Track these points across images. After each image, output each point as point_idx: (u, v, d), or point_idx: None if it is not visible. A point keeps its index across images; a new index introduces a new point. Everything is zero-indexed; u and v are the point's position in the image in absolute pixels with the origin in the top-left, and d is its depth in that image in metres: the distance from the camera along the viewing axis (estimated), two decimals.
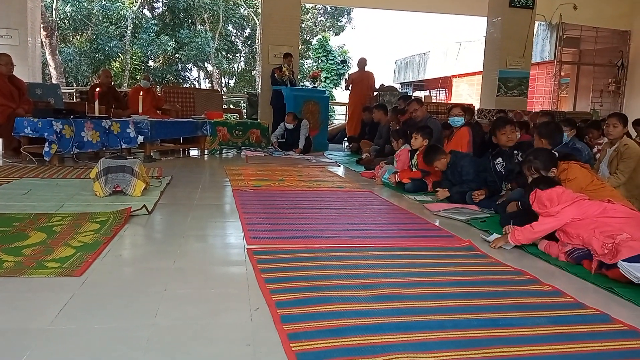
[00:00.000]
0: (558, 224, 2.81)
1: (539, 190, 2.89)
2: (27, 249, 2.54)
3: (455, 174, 4.53)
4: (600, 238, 2.60)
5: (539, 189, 2.90)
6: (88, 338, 1.67)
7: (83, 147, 5.65)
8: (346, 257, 2.67)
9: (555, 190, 2.86)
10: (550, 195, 2.83)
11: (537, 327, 1.91)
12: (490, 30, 10.91)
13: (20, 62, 8.41)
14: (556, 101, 14.79)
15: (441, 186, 4.63)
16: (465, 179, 4.42)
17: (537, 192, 2.89)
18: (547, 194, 2.84)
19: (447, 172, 4.63)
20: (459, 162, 4.52)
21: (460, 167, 4.48)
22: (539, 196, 2.87)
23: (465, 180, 4.42)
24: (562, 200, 2.81)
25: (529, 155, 3.43)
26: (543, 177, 3.14)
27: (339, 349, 1.65)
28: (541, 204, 2.86)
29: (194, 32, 21.62)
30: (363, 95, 9.95)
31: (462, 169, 4.46)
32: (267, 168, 6.18)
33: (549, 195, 2.84)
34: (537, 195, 2.89)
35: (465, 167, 4.45)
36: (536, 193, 2.89)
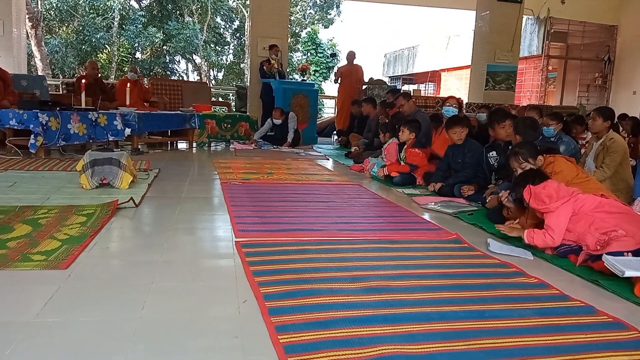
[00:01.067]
0: (565, 222, 2.73)
1: (533, 186, 2.85)
2: (12, 241, 2.51)
3: (459, 155, 4.53)
4: (596, 235, 2.63)
5: (532, 185, 2.85)
6: (74, 331, 1.66)
7: (69, 140, 5.58)
8: (334, 250, 2.67)
9: (550, 185, 2.83)
10: (549, 192, 2.78)
11: (523, 319, 1.93)
12: (478, 24, 10.94)
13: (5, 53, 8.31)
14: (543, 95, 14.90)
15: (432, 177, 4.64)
16: (468, 164, 4.42)
17: (533, 189, 2.83)
18: (546, 190, 2.79)
19: (451, 152, 4.61)
20: (468, 145, 4.54)
21: (469, 149, 4.50)
22: (537, 193, 2.82)
23: (467, 164, 4.43)
24: (560, 196, 2.77)
25: (513, 148, 3.47)
26: (533, 170, 3.13)
27: (327, 341, 1.65)
28: (539, 200, 2.81)
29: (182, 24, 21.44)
30: (352, 88, 9.94)
31: (469, 152, 4.48)
32: (256, 161, 6.16)
33: (548, 191, 2.79)
34: (533, 191, 2.83)
35: (473, 151, 4.46)
36: (531, 189, 2.84)
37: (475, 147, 4.54)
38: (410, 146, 5.09)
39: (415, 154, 5.03)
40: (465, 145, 4.52)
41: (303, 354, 1.57)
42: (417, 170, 5.01)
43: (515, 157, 3.38)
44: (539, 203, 2.81)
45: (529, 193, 2.85)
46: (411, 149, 5.07)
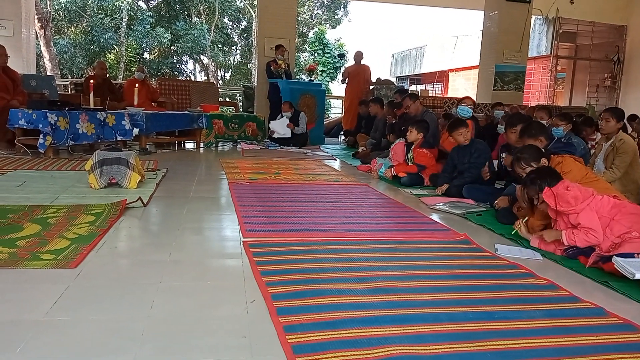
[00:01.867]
0: (597, 218, 2.67)
1: (553, 187, 2.76)
2: (22, 240, 2.52)
3: (465, 156, 4.50)
4: (611, 238, 2.61)
5: (549, 186, 2.78)
6: (83, 330, 1.66)
7: (78, 139, 5.61)
8: (342, 250, 2.67)
9: (572, 185, 2.75)
10: (575, 193, 2.71)
11: (532, 320, 1.91)
12: (487, 24, 10.90)
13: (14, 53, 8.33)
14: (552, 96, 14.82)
15: (439, 179, 4.62)
16: (474, 164, 4.40)
17: (556, 191, 2.75)
18: (571, 192, 2.72)
19: (456, 153, 4.59)
20: (475, 145, 4.52)
21: (475, 149, 4.48)
22: (562, 194, 2.73)
23: (472, 165, 4.40)
24: (585, 196, 2.71)
25: (516, 154, 3.44)
26: (545, 169, 3.07)
27: (335, 342, 1.65)
28: (565, 202, 2.71)
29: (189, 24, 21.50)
30: (359, 88, 9.93)
31: (476, 152, 4.45)
32: (263, 161, 6.17)
33: (574, 193, 2.71)
34: (557, 193, 2.74)
35: (480, 151, 4.44)
36: (554, 191, 2.75)
37: (482, 147, 4.52)
38: (418, 146, 5.08)
39: (423, 155, 5.02)
40: (472, 145, 4.50)
41: (311, 354, 1.56)
42: (424, 171, 5.00)
43: (518, 162, 3.35)
44: (565, 205, 2.72)
45: (552, 195, 2.76)
46: (419, 149, 5.05)
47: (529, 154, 3.35)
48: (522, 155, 3.36)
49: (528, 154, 3.35)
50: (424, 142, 5.11)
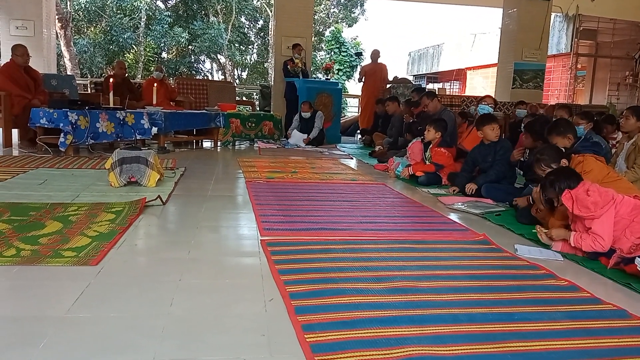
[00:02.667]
0: (611, 227, 2.62)
1: (573, 190, 2.70)
2: (44, 237, 2.56)
3: (489, 154, 4.44)
4: (631, 239, 2.56)
5: (569, 188, 2.72)
6: (104, 326, 1.68)
7: (98, 138, 5.69)
8: (360, 250, 2.66)
9: (593, 189, 2.68)
10: (595, 199, 2.64)
11: (553, 322, 1.89)
12: (505, 22, 10.79)
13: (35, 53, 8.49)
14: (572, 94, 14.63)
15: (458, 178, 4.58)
16: (499, 161, 4.34)
17: (575, 194, 2.68)
18: (591, 197, 2.64)
19: (478, 151, 4.54)
20: (500, 142, 4.46)
21: (501, 147, 4.42)
22: (581, 199, 2.66)
23: (497, 162, 4.35)
24: (605, 201, 2.64)
25: (536, 155, 3.40)
26: (564, 170, 3.01)
27: (353, 341, 1.65)
28: (584, 207, 2.65)
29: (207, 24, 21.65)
30: (376, 87, 9.90)
31: (501, 150, 4.39)
32: (280, 160, 6.19)
33: (594, 198, 2.64)
34: (576, 197, 2.68)
35: (505, 149, 4.39)
36: (572, 195, 2.69)
37: (507, 145, 4.46)
38: (435, 145, 5.04)
39: (441, 154, 4.98)
40: (497, 143, 4.44)
41: (330, 353, 1.56)
42: (442, 170, 4.96)
43: (537, 164, 3.31)
44: (584, 210, 2.65)
45: (570, 199, 2.69)
46: (437, 148, 5.02)
47: (549, 155, 3.30)
48: (542, 156, 3.31)
49: (548, 155, 3.30)
50: (441, 141, 5.07)
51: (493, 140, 4.45)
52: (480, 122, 4.56)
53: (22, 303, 1.86)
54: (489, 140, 4.46)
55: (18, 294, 1.94)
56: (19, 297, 1.92)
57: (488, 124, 4.45)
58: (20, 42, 7.14)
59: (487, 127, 4.44)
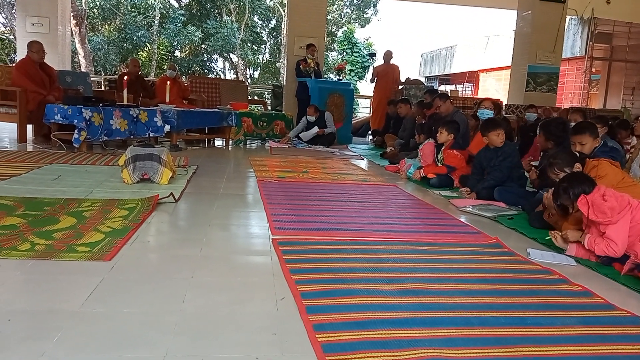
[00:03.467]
0: (627, 232, 2.59)
1: (589, 195, 2.67)
2: (58, 232, 2.59)
3: (492, 158, 4.41)
4: None
5: (586, 194, 2.68)
6: (117, 321, 1.69)
7: (111, 135, 5.73)
8: (371, 251, 2.66)
9: (609, 194, 2.65)
10: (612, 204, 2.59)
11: (566, 327, 1.87)
12: (520, 24, 10.73)
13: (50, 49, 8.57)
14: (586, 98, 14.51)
15: (469, 181, 4.56)
16: (498, 167, 4.32)
17: (591, 200, 2.64)
18: (608, 202, 2.60)
19: (483, 155, 4.51)
20: (503, 147, 4.41)
21: (502, 152, 4.38)
22: (598, 204, 2.62)
23: (496, 167, 4.32)
24: (622, 206, 2.60)
25: (549, 159, 3.36)
26: (577, 175, 2.96)
27: (365, 342, 1.64)
28: (601, 212, 2.61)
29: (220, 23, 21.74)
30: (388, 88, 9.89)
31: (502, 155, 4.35)
32: (291, 160, 6.19)
33: (610, 203, 2.60)
34: (592, 202, 2.64)
35: (507, 154, 4.35)
36: (588, 200, 2.65)
37: (510, 150, 4.41)
38: (448, 147, 5.02)
39: (453, 156, 4.96)
40: (501, 148, 4.41)
41: (341, 353, 1.56)
42: (454, 172, 4.94)
43: (551, 168, 3.28)
44: (601, 215, 2.61)
45: (586, 204, 2.65)
46: (449, 150, 5.00)
47: (562, 159, 3.27)
48: (555, 160, 3.28)
49: (561, 159, 3.27)
50: (454, 143, 5.05)
51: (498, 145, 4.43)
52: (485, 128, 4.53)
53: (36, 297, 1.88)
54: (494, 145, 4.44)
55: (33, 288, 1.96)
56: (33, 290, 1.94)
57: (493, 130, 4.41)
58: (35, 38, 7.22)
59: (492, 133, 4.41)
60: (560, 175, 3.16)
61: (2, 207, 2.99)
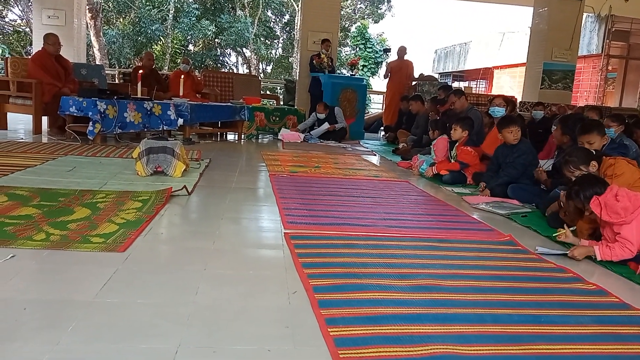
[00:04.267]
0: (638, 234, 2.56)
1: (601, 196, 2.63)
2: (73, 223, 2.61)
3: (508, 155, 4.38)
4: None
5: (597, 194, 2.65)
6: (131, 312, 1.71)
7: (125, 128, 5.76)
8: (383, 246, 2.65)
9: (622, 194, 2.61)
10: (625, 204, 2.56)
11: (580, 326, 1.86)
12: (535, 21, 10.61)
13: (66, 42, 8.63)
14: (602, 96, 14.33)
15: (484, 178, 4.53)
16: (512, 164, 4.28)
17: (604, 200, 2.61)
18: (621, 202, 2.57)
19: (501, 151, 4.48)
20: (519, 144, 4.38)
21: (517, 149, 4.34)
22: (611, 205, 2.59)
23: (510, 164, 4.29)
24: (635, 206, 2.56)
25: (565, 156, 3.32)
26: (589, 177, 2.91)
27: (377, 337, 1.64)
28: (614, 213, 2.58)
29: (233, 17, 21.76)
30: (401, 84, 9.84)
31: (517, 152, 4.32)
32: (303, 154, 6.19)
33: (623, 203, 2.57)
34: (605, 203, 2.61)
35: (521, 151, 4.31)
36: (601, 201, 2.62)
37: (525, 147, 4.37)
38: (462, 144, 4.99)
39: (467, 152, 4.93)
40: (515, 146, 4.37)
41: (353, 347, 1.56)
42: (467, 169, 4.91)
43: (566, 166, 3.24)
44: (614, 216, 2.58)
45: (599, 205, 2.62)
46: (463, 146, 4.96)
47: (578, 157, 3.23)
48: (571, 158, 3.24)
49: (577, 157, 3.23)
50: (468, 139, 5.01)
51: (512, 143, 4.39)
52: (500, 125, 4.51)
53: (51, 286, 1.90)
54: (508, 142, 4.41)
55: (47, 278, 1.98)
56: (48, 280, 1.96)
57: (506, 127, 4.38)
58: (51, 31, 7.28)
59: (505, 130, 4.38)
60: (576, 173, 3.13)
61: (17, 197, 3.02)
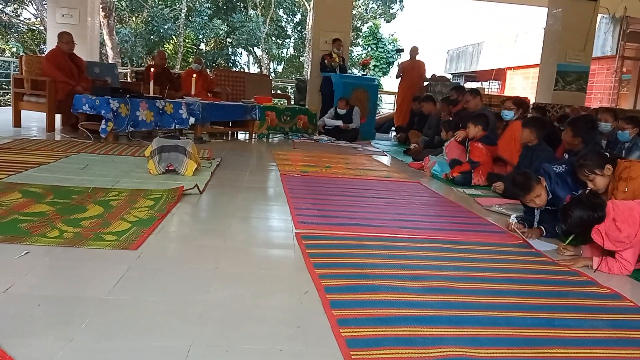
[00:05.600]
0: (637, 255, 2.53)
1: (602, 226, 2.52)
2: (86, 221, 2.63)
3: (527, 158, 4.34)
4: None
5: (598, 224, 2.53)
6: (144, 310, 1.71)
7: (137, 126, 5.79)
8: (395, 247, 2.64)
9: (624, 220, 2.50)
10: (628, 232, 2.48)
11: (595, 330, 1.84)
12: (549, 22, 10.51)
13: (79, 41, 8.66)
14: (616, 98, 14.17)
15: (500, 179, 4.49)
16: (529, 166, 4.25)
17: (605, 230, 2.51)
18: (624, 232, 2.48)
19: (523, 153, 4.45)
20: (537, 147, 4.33)
21: (536, 151, 4.30)
22: (614, 236, 2.50)
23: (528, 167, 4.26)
24: (635, 229, 2.48)
25: (579, 160, 3.26)
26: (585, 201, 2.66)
27: (390, 338, 1.63)
28: (619, 242, 2.51)
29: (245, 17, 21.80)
30: (413, 84, 9.79)
31: (535, 155, 4.27)
32: (314, 154, 6.19)
33: (627, 232, 2.48)
34: (607, 233, 2.51)
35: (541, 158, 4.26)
36: (602, 232, 2.52)
37: (543, 154, 4.31)
38: (476, 140, 4.93)
39: (478, 149, 4.87)
40: (533, 147, 4.33)
41: (365, 349, 1.55)
42: (477, 169, 4.86)
43: (581, 170, 3.18)
44: (619, 245, 2.51)
45: (600, 235, 2.53)
46: (476, 143, 4.91)
47: (592, 161, 3.17)
48: (585, 161, 3.19)
49: (591, 161, 3.18)
50: (484, 136, 4.95)
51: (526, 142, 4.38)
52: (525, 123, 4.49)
53: (64, 283, 1.91)
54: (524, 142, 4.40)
55: (61, 274, 1.99)
56: (62, 277, 1.97)
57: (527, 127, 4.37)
58: (65, 29, 7.33)
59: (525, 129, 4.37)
60: (590, 177, 3.09)
61: (31, 194, 3.05)
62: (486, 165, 4.89)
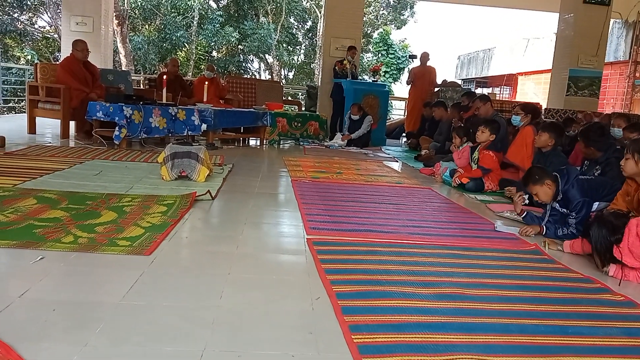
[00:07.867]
0: None
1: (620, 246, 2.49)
2: (100, 226, 2.66)
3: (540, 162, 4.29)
4: None
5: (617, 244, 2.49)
6: (157, 315, 1.73)
7: (150, 133, 5.85)
8: (406, 254, 2.64)
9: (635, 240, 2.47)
10: None
11: (609, 338, 1.82)
12: (561, 27, 10.46)
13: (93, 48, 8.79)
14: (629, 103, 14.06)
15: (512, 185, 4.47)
16: None
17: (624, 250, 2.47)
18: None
19: (536, 160, 4.45)
20: (550, 156, 4.31)
21: (549, 157, 4.29)
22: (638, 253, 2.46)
23: None
24: None
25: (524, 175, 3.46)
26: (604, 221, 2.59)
27: (401, 345, 1.63)
28: None
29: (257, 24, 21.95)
30: (424, 90, 9.79)
31: (549, 161, 4.25)
32: (325, 160, 6.20)
33: None
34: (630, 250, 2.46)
35: (554, 163, 4.25)
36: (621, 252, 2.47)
37: (557, 160, 4.28)
38: (484, 147, 4.92)
39: (489, 157, 4.85)
40: (546, 153, 4.32)
41: (377, 355, 1.56)
42: (488, 175, 4.85)
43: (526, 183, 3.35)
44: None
45: (620, 254, 2.49)
46: (485, 150, 4.90)
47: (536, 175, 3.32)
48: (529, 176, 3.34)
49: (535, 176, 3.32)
50: (491, 144, 4.94)
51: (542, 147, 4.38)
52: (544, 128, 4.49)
53: (79, 288, 1.93)
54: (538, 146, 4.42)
55: (76, 280, 2.02)
56: (76, 282, 1.99)
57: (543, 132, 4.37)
58: (79, 37, 7.43)
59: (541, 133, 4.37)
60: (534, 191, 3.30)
61: (46, 200, 3.09)
62: (496, 171, 4.87)
